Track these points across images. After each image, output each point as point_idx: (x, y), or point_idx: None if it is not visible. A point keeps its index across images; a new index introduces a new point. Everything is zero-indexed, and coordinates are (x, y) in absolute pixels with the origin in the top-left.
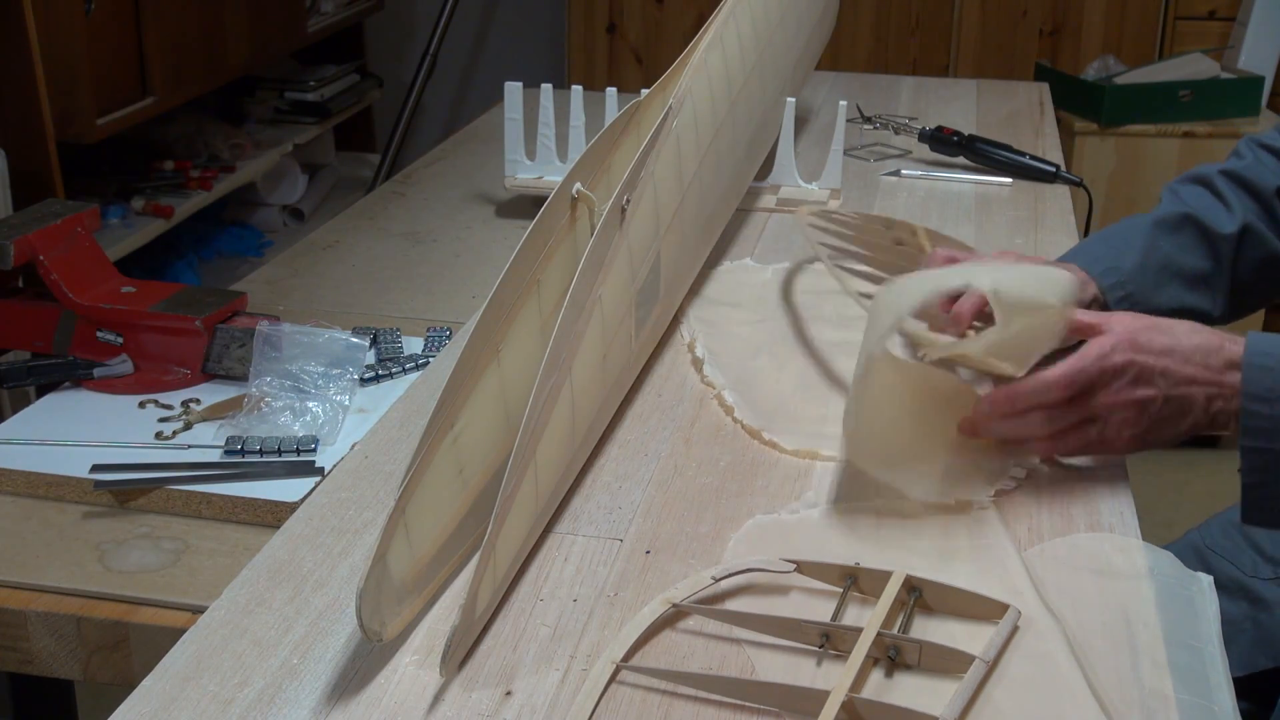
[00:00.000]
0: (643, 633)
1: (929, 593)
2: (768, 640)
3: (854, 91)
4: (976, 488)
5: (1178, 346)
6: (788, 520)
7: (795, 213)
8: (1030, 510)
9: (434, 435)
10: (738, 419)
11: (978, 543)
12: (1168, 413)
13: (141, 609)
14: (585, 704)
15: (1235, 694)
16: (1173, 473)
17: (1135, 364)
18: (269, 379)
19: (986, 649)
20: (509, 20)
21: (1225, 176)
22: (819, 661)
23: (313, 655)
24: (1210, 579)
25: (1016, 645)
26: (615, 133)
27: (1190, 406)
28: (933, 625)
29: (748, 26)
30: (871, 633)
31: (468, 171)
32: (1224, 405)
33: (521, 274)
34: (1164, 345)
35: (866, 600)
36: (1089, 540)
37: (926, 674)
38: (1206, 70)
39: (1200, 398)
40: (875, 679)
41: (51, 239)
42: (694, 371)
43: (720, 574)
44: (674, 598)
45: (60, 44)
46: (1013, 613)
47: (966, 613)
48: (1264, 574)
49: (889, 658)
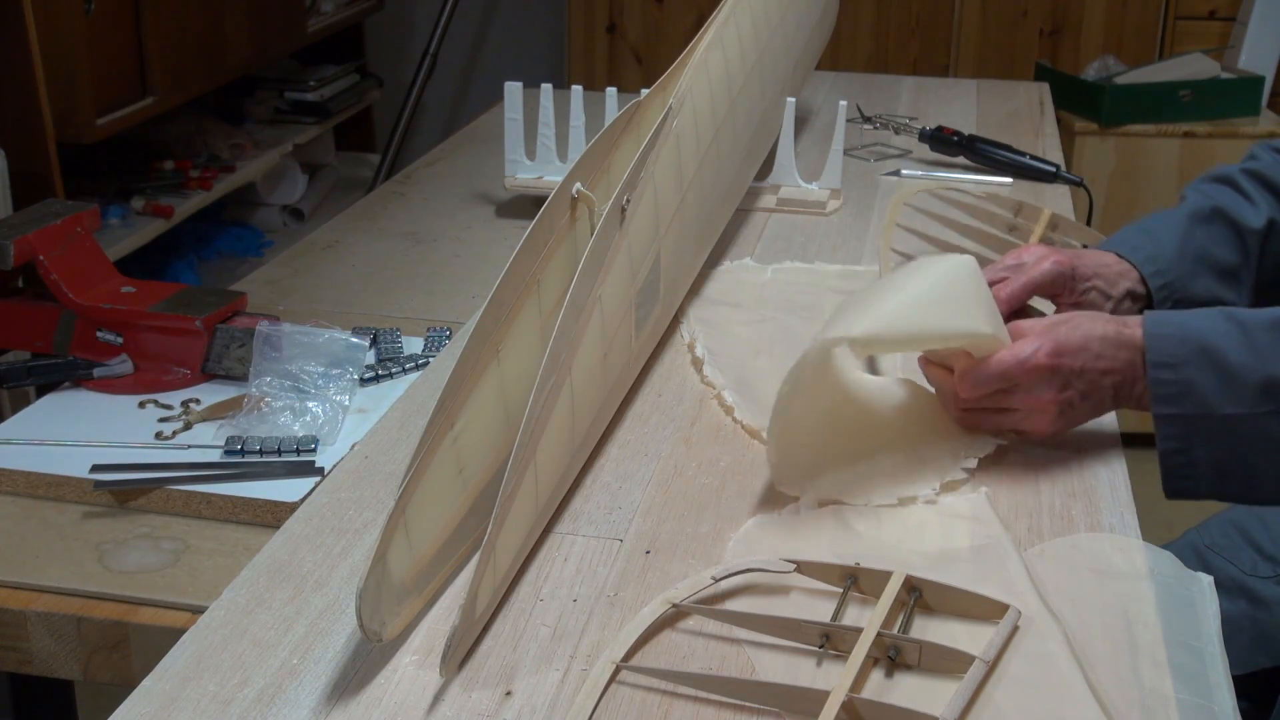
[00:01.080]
0: (643, 633)
1: (929, 593)
2: (768, 640)
3: (854, 91)
4: (923, 482)
5: (1089, 343)
6: (787, 520)
7: (920, 187)
8: (1030, 510)
9: (434, 435)
10: (738, 419)
11: (978, 543)
12: (1083, 407)
13: (141, 609)
14: (585, 704)
15: (1235, 694)
16: None
17: (1057, 369)
18: (269, 379)
19: (986, 649)
20: (509, 20)
21: (1247, 175)
22: (819, 662)
23: (313, 655)
24: (1210, 579)
25: (1016, 645)
26: (615, 133)
27: (1103, 397)
28: (933, 625)
29: (748, 26)
30: (871, 633)
31: (468, 171)
32: (1130, 389)
33: (521, 274)
34: (1079, 342)
35: (867, 600)
36: (1089, 540)
37: (927, 674)
38: (1206, 70)
39: (1110, 387)
40: (875, 679)
41: (51, 239)
42: (694, 371)
43: (720, 574)
44: (674, 598)
45: (60, 44)
46: (1013, 613)
47: (967, 613)
48: (1263, 572)
49: (889, 658)
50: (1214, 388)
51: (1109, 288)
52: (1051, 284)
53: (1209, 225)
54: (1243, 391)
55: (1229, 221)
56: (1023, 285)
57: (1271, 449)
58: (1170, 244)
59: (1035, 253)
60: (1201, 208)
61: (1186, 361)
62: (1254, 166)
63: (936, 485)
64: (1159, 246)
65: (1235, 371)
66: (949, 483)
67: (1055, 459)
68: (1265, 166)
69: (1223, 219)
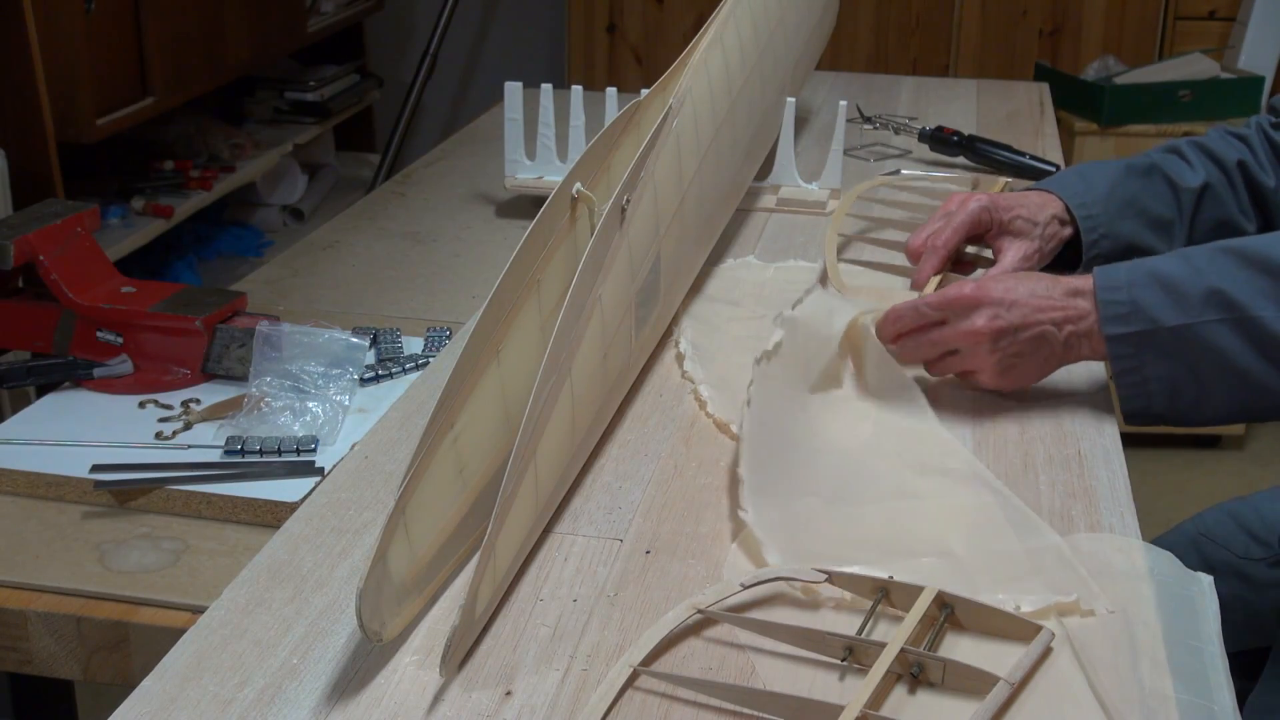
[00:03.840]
0: (667, 638)
1: (961, 610)
2: (791, 651)
3: (854, 91)
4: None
5: (1021, 284)
6: (805, 514)
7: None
8: (1031, 511)
9: (434, 435)
10: (710, 414)
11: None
12: (1023, 343)
13: (141, 609)
14: (599, 706)
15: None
16: (1173, 473)
17: (982, 299)
18: (269, 379)
19: (1013, 671)
20: (509, 20)
21: (1192, 145)
22: (841, 675)
23: (313, 655)
24: (1210, 579)
25: (1046, 666)
26: (615, 133)
27: (1045, 337)
28: (964, 643)
29: (748, 26)
30: (894, 649)
31: (468, 171)
32: (1075, 328)
33: (521, 274)
34: (1009, 285)
35: (898, 614)
36: (1089, 540)
37: (950, 693)
38: (1206, 70)
39: (1051, 326)
40: (897, 696)
41: (51, 239)
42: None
43: (750, 581)
44: (700, 603)
45: (60, 44)
46: (1045, 634)
47: (999, 632)
48: (1256, 554)
49: (912, 675)
50: (1160, 302)
51: (1033, 215)
52: (977, 222)
53: (1145, 178)
54: (1186, 302)
55: (1164, 178)
56: (954, 229)
57: (1217, 358)
58: (1101, 186)
59: (958, 199)
60: (1139, 163)
61: (1133, 283)
62: (1202, 140)
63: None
64: (1089, 186)
65: (1179, 285)
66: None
67: (1055, 459)
68: (1211, 141)
69: (1159, 174)
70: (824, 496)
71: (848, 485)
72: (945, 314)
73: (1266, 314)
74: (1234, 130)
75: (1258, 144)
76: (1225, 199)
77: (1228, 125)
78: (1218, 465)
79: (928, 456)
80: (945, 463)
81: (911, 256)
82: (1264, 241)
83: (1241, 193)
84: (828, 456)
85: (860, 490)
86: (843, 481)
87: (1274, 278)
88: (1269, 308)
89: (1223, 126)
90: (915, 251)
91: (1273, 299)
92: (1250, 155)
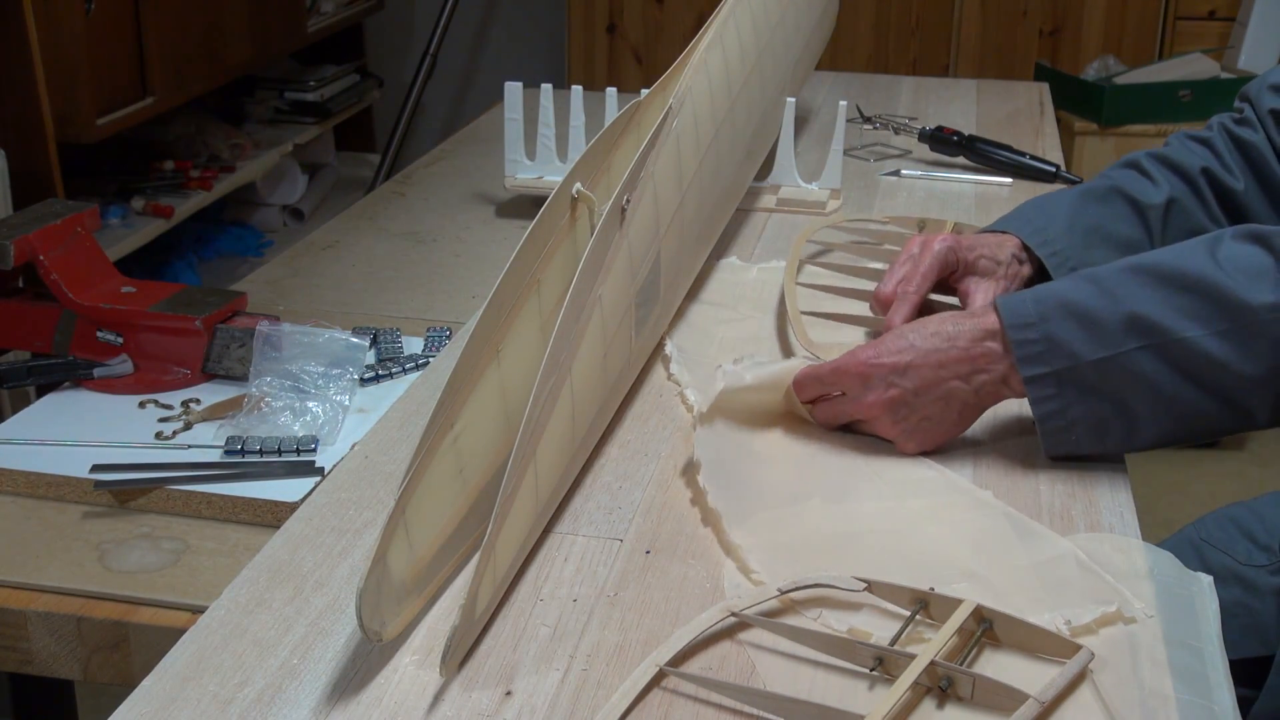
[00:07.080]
0: (698, 639)
1: (1000, 625)
2: (822, 659)
3: (854, 91)
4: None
5: (920, 339)
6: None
7: (814, 222)
8: (1030, 510)
9: (434, 435)
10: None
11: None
12: (928, 406)
13: (141, 609)
14: (620, 703)
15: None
16: (1173, 473)
17: (871, 371)
18: (269, 379)
19: (1044, 689)
20: (509, 20)
21: (1151, 158)
22: (871, 685)
23: (313, 655)
24: (1210, 579)
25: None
26: (615, 133)
27: (952, 395)
28: (999, 659)
29: (748, 26)
30: (924, 661)
31: (468, 171)
32: (988, 376)
33: (521, 274)
34: (904, 344)
35: (935, 626)
36: (1089, 540)
37: (978, 709)
38: (1206, 70)
39: (957, 382)
40: (925, 709)
41: (51, 239)
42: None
43: (787, 587)
44: (734, 607)
45: (60, 44)
46: (1084, 654)
47: (1037, 649)
48: (1258, 561)
49: (940, 688)
50: (1077, 336)
51: (994, 254)
52: (945, 264)
53: (1104, 203)
54: (1104, 332)
55: (1127, 198)
56: (923, 274)
57: (1144, 387)
58: (1060, 217)
59: (918, 241)
60: (1096, 187)
61: (1045, 318)
62: (1161, 151)
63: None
64: (1049, 219)
65: (1094, 315)
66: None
67: (1055, 459)
68: (1172, 151)
69: (1120, 196)
70: (812, 526)
71: (832, 516)
72: (840, 386)
73: (1191, 334)
74: (1195, 134)
75: (1221, 146)
76: (1193, 210)
77: (1188, 130)
78: (1218, 466)
79: (903, 475)
80: (920, 474)
81: (881, 305)
82: (1173, 255)
83: (1210, 200)
84: (800, 479)
85: (849, 517)
86: (827, 513)
87: (1192, 293)
88: (1192, 327)
89: (1183, 132)
90: (886, 299)
91: (1195, 317)
92: (1215, 160)
